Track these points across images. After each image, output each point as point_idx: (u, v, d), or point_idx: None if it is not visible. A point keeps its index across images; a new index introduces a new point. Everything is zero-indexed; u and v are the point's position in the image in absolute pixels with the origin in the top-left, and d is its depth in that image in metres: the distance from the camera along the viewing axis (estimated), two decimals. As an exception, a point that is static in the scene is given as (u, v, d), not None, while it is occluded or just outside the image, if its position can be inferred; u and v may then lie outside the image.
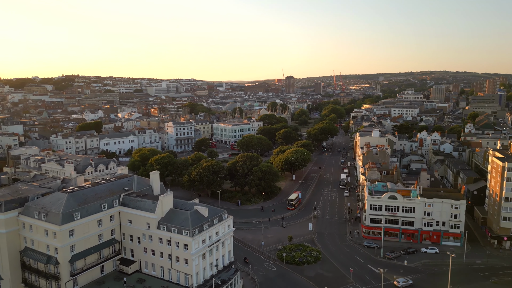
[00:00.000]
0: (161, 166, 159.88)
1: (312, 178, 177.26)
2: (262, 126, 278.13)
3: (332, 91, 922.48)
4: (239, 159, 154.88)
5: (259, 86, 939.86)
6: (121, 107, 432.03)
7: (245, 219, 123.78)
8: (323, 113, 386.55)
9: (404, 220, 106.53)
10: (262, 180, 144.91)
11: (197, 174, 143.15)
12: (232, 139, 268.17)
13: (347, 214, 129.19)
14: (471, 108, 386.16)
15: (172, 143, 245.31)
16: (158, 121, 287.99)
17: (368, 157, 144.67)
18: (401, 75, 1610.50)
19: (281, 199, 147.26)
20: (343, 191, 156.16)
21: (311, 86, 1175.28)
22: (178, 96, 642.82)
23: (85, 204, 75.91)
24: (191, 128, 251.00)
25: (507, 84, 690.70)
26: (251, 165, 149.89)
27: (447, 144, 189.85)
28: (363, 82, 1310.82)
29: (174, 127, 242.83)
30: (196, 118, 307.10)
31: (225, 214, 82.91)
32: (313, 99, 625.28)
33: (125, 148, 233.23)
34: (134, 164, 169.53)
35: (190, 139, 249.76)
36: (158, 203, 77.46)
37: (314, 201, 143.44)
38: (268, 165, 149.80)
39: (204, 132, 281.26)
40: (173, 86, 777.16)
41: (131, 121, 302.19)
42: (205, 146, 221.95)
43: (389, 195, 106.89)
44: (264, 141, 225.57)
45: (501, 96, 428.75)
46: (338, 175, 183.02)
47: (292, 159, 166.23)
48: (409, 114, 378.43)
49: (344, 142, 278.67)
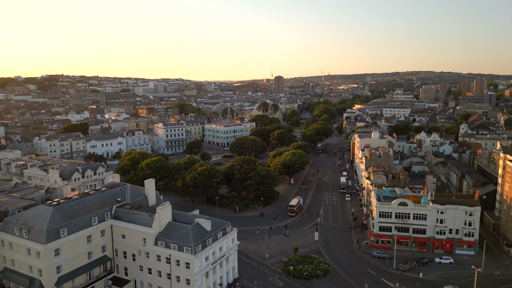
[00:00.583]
0: (153, 171, 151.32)
1: (310, 182, 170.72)
2: (255, 127, 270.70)
3: (320, 91, 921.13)
4: (235, 163, 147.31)
5: (248, 86, 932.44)
6: (107, 108, 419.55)
7: (244, 227, 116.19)
8: (315, 114, 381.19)
9: (415, 228, 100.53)
10: (261, 185, 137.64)
11: (192, 179, 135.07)
12: (225, 140, 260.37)
13: (352, 221, 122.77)
14: (462, 108, 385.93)
15: (162, 145, 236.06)
16: (147, 122, 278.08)
17: (370, 160, 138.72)
18: (388, 75, 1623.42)
19: (281, 204, 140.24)
20: (344, 195, 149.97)
21: (299, 86, 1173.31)
22: (166, 96, 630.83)
23: (72, 218, 67.52)
24: (182, 129, 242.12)
25: (494, 84, 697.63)
26: (248, 169, 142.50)
27: (447, 145, 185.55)
28: (351, 82, 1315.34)
29: (164, 128, 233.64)
30: (186, 119, 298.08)
31: (229, 227, 75.41)
32: (303, 99, 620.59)
33: (113, 151, 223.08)
34: (124, 168, 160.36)
35: (181, 140, 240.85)
36: (155, 216, 69.51)
37: (315, 207, 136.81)
38: (267, 169, 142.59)
39: (195, 133, 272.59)
40: (160, 86, 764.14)
41: (119, 122, 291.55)
42: (197, 148, 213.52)
43: (399, 201, 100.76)
44: (258, 142, 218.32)
45: (491, 96, 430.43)
46: (337, 178, 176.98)
47: (290, 162, 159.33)
48: (401, 114, 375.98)
49: (339, 143, 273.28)
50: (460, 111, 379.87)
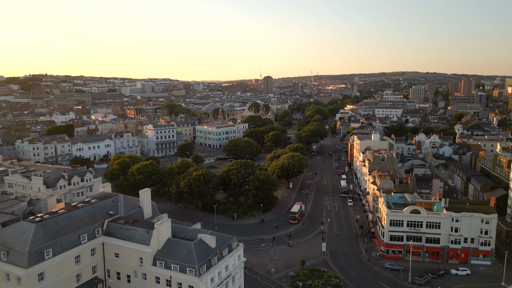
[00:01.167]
0: (144, 176, 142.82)
1: (309, 186, 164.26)
2: (248, 128, 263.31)
3: (309, 91, 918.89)
4: (232, 167, 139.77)
5: (237, 86, 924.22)
6: (94, 108, 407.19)
7: (245, 237, 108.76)
8: (307, 114, 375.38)
9: (428, 237, 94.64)
10: (260, 190, 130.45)
11: (187, 185, 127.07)
12: (217, 142, 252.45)
13: (357, 228, 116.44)
14: (454, 109, 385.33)
15: (152, 147, 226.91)
16: (136, 123, 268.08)
17: (374, 164, 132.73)
18: (375, 76, 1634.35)
19: (281, 210, 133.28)
20: (345, 199, 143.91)
21: (287, 86, 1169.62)
22: (154, 97, 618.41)
23: (59, 236, 59.22)
24: (173, 131, 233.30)
25: (481, 85, 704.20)
26: (246, 174, 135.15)
27: (447, 147, 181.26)
28: (339, 83, 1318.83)
29: (154, 130, 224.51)
30: (176, 120, 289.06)
31: (234, 242, 68.06)
32: (293, 99, 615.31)
33: (100, 154, 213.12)
34: (113, 173, 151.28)
35: (172, 143, 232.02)
36: (153, 233, 61.64)
37: (316, 213, 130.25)
38: (265, 173, 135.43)
39: (186, 135, 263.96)
40: (148, 86, 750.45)
41: (106, 123, 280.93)
42: (189, 151, 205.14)
43: (412, 209, 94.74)
44: (253, 144, 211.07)
45: (481, 97, 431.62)
46: (336, 181, 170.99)
47: (289, 166, 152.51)
48: (393, 114, 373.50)
49: (333, 144, 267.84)
50: (452, 112, 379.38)
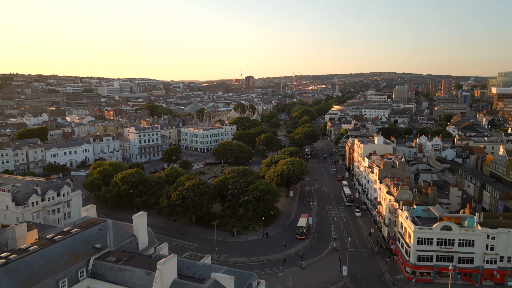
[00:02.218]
0: (129, 186, 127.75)
1: (309, 193, 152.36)
2: (237, 130, 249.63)
3: (291, 92, 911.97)
4: (228, 175, 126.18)
5: (218, 86, 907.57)
6: (69, 109, 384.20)
7: (249, 257, 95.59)
8: (294, 115, 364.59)
9: (461, 257, 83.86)
10: (261, 202, 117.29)
11: (179, 197, 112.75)
12: (204, 145, 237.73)
13: (373, 244, 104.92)
14: (441, 109, 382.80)
15: (134, 152, 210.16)
16: (116, 126, 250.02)
17: (385, 171, 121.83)
18: (353, 76, 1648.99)
19: (284, 223, 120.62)
20: (351, 209, 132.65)
21: (268, 86, 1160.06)
22: (133, 97, 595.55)
23: (30, 284, 44.51)
24: (157, 134, 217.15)
25: (459, 85, 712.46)
26: (244, 183, 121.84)
27: (449, 150, 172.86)
28: (318, 83, 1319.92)
29: (137, 133, 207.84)
30: (159, 121, 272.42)
31: (255, 280, 54.65)
32: (277, 100, 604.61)
33: (78, 160, 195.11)
34: (93, 183, 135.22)
35: (156, 146, 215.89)
36: (155, 275, 47.63)
37: (323, 225, 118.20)
38: (266, 183, 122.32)
39: (170, 138, 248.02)
40: (126, 85, 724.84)
41: (83, 125, 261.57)
42: (176, 156, 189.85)
43: (442, 225, 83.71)
44: (244, 148, 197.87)
45: (465, 97, 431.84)
46: (336, 187, 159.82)
47: (289, 173, 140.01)
48: (380, 115, 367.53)
49: (325, 146, 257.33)
50: (439, 112, 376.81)
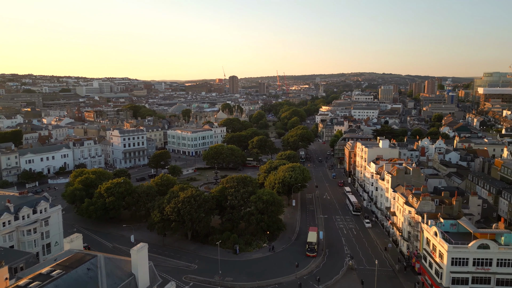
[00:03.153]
0: (116, 198, 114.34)
1: (311, 201, 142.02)
2: (227, 132, 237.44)
3: (274, 92, 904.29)
4: (227, 184, 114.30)
5: (201, 86, 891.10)
6: (45, 110, 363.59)
7: (257, 281, 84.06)
8: (282, 116, 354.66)
9: (500, 279, 74.61)
10: (264, 214, 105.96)
11: (174, 211, 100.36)
12: (192, 148, 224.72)
13: (390, 260, 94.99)
14: (430, 109, 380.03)
15: (118, 157, 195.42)
16: (97, 128, 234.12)
17: (398, 178, 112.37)
18: (334, 76, 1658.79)
19: (289, 237, 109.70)
20: (359, 219, 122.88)
21: (251, 86, 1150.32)
22: (113, 97, 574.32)
23: None
24: (143, 137, 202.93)
25: (440, 85, 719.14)
26: (246, 193, 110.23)
27: (453, 153, 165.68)
28: (301, 83, 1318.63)
29: (121, 136, 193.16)
30: (144, 123, 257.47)
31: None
32: (263, 100, 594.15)
33: (56, 166, 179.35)
34: (74, 194, 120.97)
35: (142, 151, 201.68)
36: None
37: (333, 239, 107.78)
38: (269, 192, 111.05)
39: (156, 141, 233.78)
40: (106, 85, 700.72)
41: (61, 128, 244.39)
42: (164, 161, 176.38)
43: (480, 243, 74.22)
44: (237, 152, 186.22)
45: (452, 97, 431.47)
46: (339, 194, 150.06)
47: (291, 180, 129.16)
48: (370, 115, 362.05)
49: (319, 149, 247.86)
50: (428, 113, 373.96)
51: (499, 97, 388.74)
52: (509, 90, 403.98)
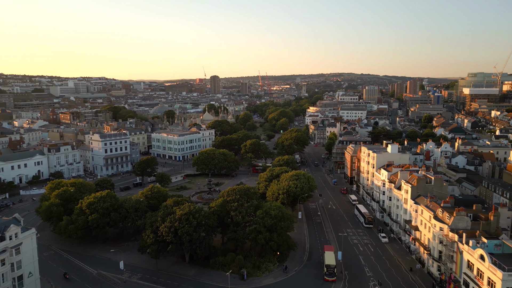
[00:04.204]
0: (100, 215, 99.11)
1: (315, 212, 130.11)
2: (218, 136, 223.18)
3: (256, 92, 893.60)
4: (229, 197, 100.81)
5: (181, 86, 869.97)
6: (17, 112, 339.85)
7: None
8: (270, 117, 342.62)
9: (562, 310, 64.18)
10: (274, 232, 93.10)
11: (170, 231, 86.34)
12: (179, 153, 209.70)
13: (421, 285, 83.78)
14: (418, 110, 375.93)
15: (99, 163, 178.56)
16: (75, 132, 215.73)
17: (418, 188, 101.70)
18: (314, 77, 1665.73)
19: (301, 256, 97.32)
20: (372, 232, 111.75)
21: (232, 86, 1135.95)
22: (90, 97, 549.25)
23: None
24: (126, 141, 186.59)
25: (422, 86, 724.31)
26: (251, 208, 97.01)
27: (460, 156, 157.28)
28: (282, 83, 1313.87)
29: (102, 141, 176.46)
30: (125, 126, 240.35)
31: None
32: (246, 100, 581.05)
33: (29, 175, 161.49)
34: (51, 210, 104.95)
35: (125, 156, 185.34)
36: None
37: (350, 257, 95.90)
38: (277, 206, 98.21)
39: (139, 145, 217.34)
40: (82, 85, 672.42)
41: (35, 132, 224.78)
42: (151, 168, 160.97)
43: (538, 269, 63.62)
44: (230, 157, 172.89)
45: (438, 98, 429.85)
46: (344, 203, 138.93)
47: (297, 190, 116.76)
48: (358, 116, 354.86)
49: (313, 152, 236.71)
50: (416, 113, 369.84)
51: (485, 97, 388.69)
52: (495, 90, 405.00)
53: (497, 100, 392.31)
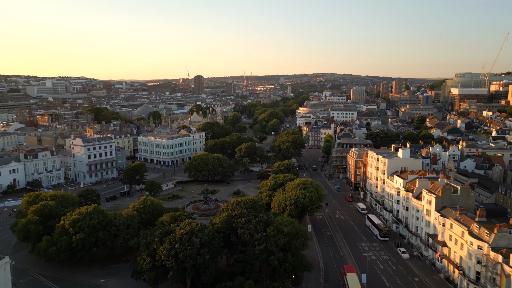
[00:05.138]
0: (86, 234, 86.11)
1: (323, 223, 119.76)
2: (209, 139, 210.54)
3: (241, 92, 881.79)
4: (234, 211, 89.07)
5: (164, 86, 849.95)
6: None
7: None
8: (260, 118, 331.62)
9: None
10: (288, 252, 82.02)
11: (171, 254, 74.25)
12: (168, 157, 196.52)
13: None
14: (409, 110, 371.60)
15: (82, 170, 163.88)
16: (54, 135, 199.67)
17: (444, 199, 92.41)
18: (297, 77, 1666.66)
19: (316, 278, 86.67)
20: (390, 246, 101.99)
21: (215, 86, 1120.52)
22: (70, 98, 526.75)
23: None
24: (111, 146, 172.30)
25: (407, 86, 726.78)
26: (260, 224, 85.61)
27: (469, 160, 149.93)
28: (265, 83, 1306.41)
29: (84, 145, 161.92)
30: (109, 128, 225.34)
31: None
32: (233, 101, 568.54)
33: (3, 184, 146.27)
34: (28, 229, 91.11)
35: (110, 162, 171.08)
36: None
37: (372, 278, 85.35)
38: (290, 221, 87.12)
39: (125, 148, 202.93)
40: (61, 85, 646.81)
41: (10, 135, 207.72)
42: (141, 175, 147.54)
43: None
44: (225, 162, 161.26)
45: (428, 98, 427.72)
46: (351, 212, 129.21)
47: (306, 200, 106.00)
48: (349, 117, 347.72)
49: (308, 154, 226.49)
50: (407, 114, 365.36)
51: (474, 97, 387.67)
52: (484, 90, 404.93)
53: (486, 100, 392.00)
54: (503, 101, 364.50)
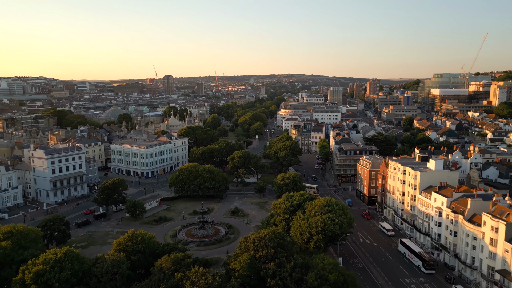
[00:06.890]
0: (60, 284, 61.72)
1: (349, 251, 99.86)
2: (195, 147, 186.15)
3: (212, 92, 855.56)
4: (258, 254, 67.28)
5: (131, 86, 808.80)
6: None
7: None
8: (241, 120, 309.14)
9: None
10: (336, 307, 61.34)
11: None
12: (147, 168, 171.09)
13: None
14: (393, 111, 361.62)
15: (45, 188, 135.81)
16: (10, 145, 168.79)
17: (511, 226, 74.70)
18: (266, 77, 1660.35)
19: (369, 337, 66.21)
20: (438, 280, 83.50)
21: (185, 87, 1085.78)
22: (28, 99, 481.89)
23: None
24: (80, 157, 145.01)
25: (381, 87, 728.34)
26: (295, 270, 64.28)
27: (492, 168, 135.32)
28: (235, 84, 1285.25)
29: (48, 158, 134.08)
30: (76, 135, 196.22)
31: None
32: (206, 101, 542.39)
33: None
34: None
35: (80, 177, 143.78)
36: None
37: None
38: (334, 264, 66.47)
39: (96, 159, 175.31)
40: (17, 85, 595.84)
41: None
42: (119, 194, 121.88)
43: None
44: (217, 175, 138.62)
45: (408, 98, 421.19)
46: (376, 234, 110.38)
47: (335, 227, 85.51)
48: (333, 118, 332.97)
49: (301, 161, 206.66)
50: (391, 115, 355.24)
51: (454, 98, 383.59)
52: (464, 91, 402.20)
53: (466, 100, 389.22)
54: (485, 102, 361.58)
